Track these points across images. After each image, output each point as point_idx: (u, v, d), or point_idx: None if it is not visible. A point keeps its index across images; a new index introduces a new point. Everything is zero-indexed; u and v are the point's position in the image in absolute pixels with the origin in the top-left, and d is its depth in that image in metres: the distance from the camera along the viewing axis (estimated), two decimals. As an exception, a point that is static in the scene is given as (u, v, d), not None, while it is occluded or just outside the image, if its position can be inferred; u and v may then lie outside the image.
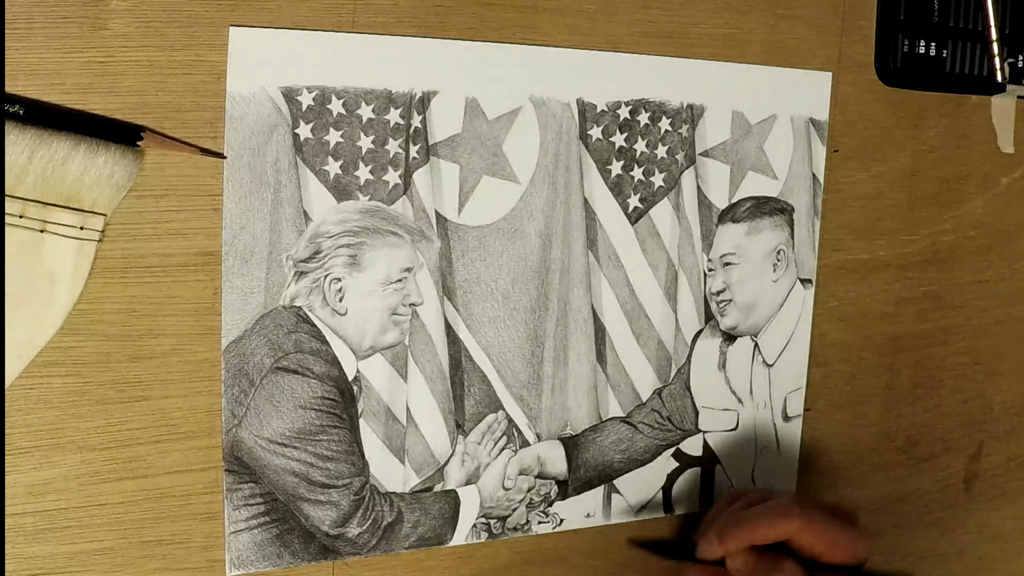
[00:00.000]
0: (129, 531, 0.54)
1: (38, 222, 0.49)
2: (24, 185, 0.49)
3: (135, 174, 0.51)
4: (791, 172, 0.68)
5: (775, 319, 0.69)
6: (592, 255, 0.63)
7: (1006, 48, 0.72)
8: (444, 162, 0.58)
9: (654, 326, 0.66)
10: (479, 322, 0.61)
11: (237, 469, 0.55)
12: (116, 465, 0.53)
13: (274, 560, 0.57)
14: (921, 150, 0.74)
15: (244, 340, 0.55)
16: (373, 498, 0.59)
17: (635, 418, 0.66)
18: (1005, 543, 0.85)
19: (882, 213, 0.73)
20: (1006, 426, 0.83)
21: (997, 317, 0.79)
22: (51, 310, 0.50)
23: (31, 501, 0.52)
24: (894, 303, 0.74)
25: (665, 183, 0.65)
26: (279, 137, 0.54)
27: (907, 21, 0.70)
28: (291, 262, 0.55)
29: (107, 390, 0.53)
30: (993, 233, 0.78)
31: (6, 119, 0.47)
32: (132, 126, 0.50)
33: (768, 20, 0.66)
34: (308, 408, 0.56)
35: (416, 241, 0.58)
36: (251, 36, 0.53)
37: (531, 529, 0.64)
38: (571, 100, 0.61)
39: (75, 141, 0.49)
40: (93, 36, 0.50)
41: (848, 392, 0.74)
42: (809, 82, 0.68)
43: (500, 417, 0.62)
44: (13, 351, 0.49)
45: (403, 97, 0.57)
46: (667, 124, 0.64)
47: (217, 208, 0.53)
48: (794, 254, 0.69)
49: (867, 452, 0.76)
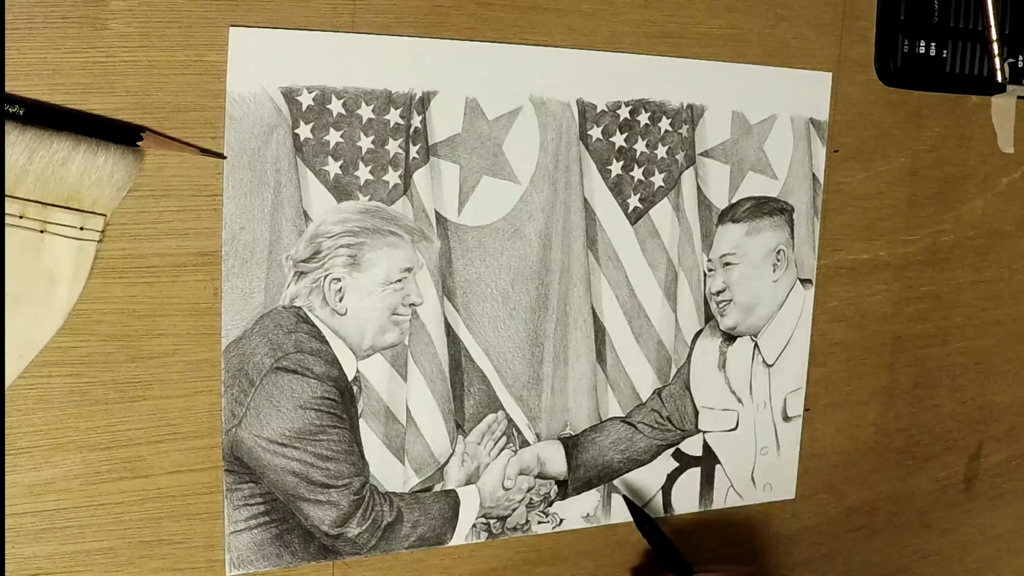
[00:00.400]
0: (129, 531, 0.54)
1: (38, 222, 0.49)
2: (24, 185, 0.49)
3: (135, 174, 0.51)
4: (791, 172, 0.68)
5: (775, 319, 0.69)
6: (592, 255, 0.63)
7: (1006, 48, 0.71)
8: (444, 162, 0.58)
9: (654, 326, 0.66)
10: (479, 322, 0.61)
11: (237, 469, 0.55)
12: (116, 465, 0.53)
13: (274, 560, 0.57)
14: (921, 150, 0.74)
15: (244, 340, 0.55)
16: (373, 498, 0.59)
17: (635, 418, 0.66)
18: (1005, 543, 0.85)
19: (882, 213, 0.73)
20: (1006, 426, 0.83)
21: (997, 317, 0.79)
22: (51, 310, 0.50)
23: (31, 501, 0.52)
24: (894, 303, 0.74)
25: (665, 183, 0.65)
26: (279, 137, 0.54)
27: (907, 21, 0.70)
28: (291, 262, 0.55)
29: (107, 390, 0.53)
30: (993, 233, 0.78)
31: (6, 119, 0.47)
32: (132, 126, 0.50)
33: (768, 20, 0.66)
34: (308, 408, 0.56)
35: (416, 241, 0.58)
36: (251, 36, 0.53)
37: (531, 529, 0.64)
38: (571, 100, 0.61)
39: (75, 141, 0.49)
40: (93, 36, 0.50)
41: (848, 392, 0.74)
42: (809, 82, 0.68)
43: (500, 417, 0.62)
44: (13, 351, 0.49)
45: (403, 97, 0.57)
46: (667, 124, 0.64)
47: (217, 208, 0.53)
48: (794, 254, 0.69)
49: (867, 452, 0.76)
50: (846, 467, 0.75)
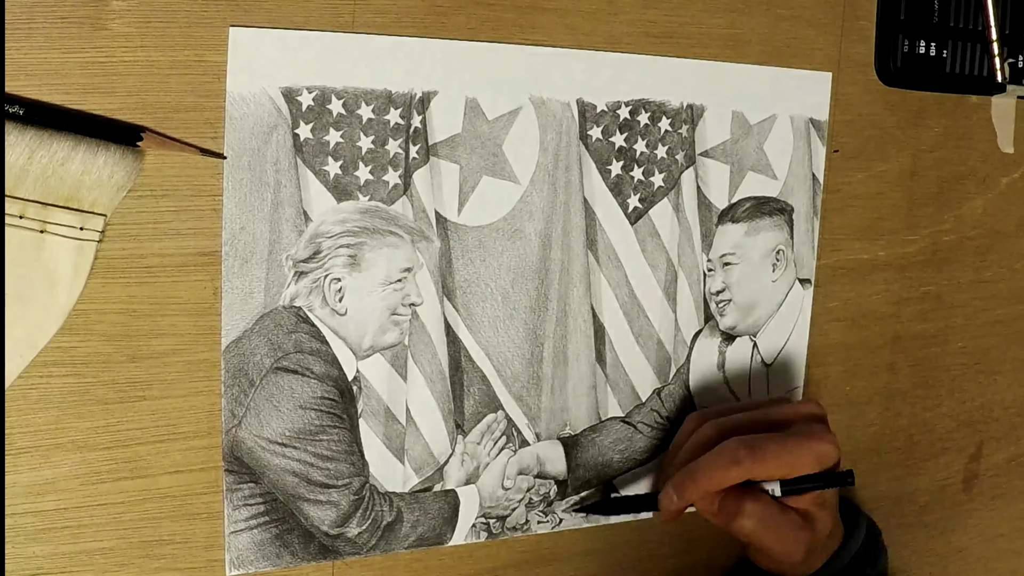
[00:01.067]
0: (129, 531, 0.54)
1: (38, 222, 0.49)
2: (24, 185, 0.49)
3: (135, 174, 0.51)
4: (791, 172, 0.68)
5: (774, 319, 0.69)
6: (592, 255, 0.63)
7: (1006, 48, 0.72)
8: (444, 162, 0.59)
9: (653, 326, 0.66)
10: (479, 322, 0.61)
11: (237, 469, 0.55)
12: (116, 465, 0.53)
13: (274, 560, 0.57)
14: (921, 150, 0.74)
15: (244, 340, 0.55)
16: (373, 498, 0.59)
17: (634, 418, 0.66)
18: (1005, 543, 0.85)
19: (882, 213, 0.73)
20: (1006, 426, 0.83)
21: (997, 317, 0.79)
22: (51, 310, 0.50)
23: (31, 501, 0.52)
24: (894, 303, 0.74)
25: (665, 183, 0.65)
26: (279, 137, 0.54)
27: (907, 21, 0.70)
28: (291, 262, 0.55)
29: (107, 390, 0.53)
30: (993, 233, 0.78)
31: (6, 119, 0.47)
32: (132, 126, 0.50)
33: (768, 20, 0.66)
34: (308, 408, 0.57)
35: (416, 241, 0.58)
36: (251, 36, 0.53)
37: (530, 529, 0.64)
38: (571, 100, 0.61)
39: (75, 141, 0.49)
40: (93, 36, 0.50)
41: (848, 392, 0.74)
42: (809, 82, 0.68)
43: (499, 417, 0.62)
44: (13, 351, 0.49)
45: (403, 97, 0.57)
46: (667, 124, 0.64)
47: (217, 208, 0.53)
48: (793, 254, 0.69)
49: (867, 452, 0.76)
50: (846, 467, 0.74)
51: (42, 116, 0.48)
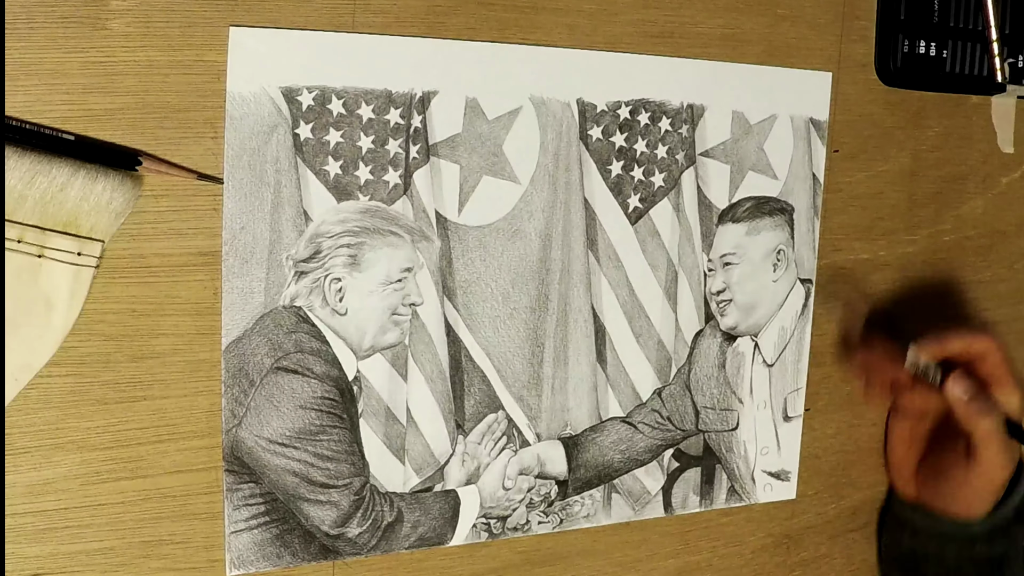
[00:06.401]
0: (129, 531, 0.54)
1: (36, 247, 0.49)
2: (23, 210, 0.49)
3: (133, 201, 0.51)
4: (791, 172, 0.68)
5: (775, 319, 0.69)
6: (592, 255, 0.63)
7: (1006, 48, 0.72)
8: (444, 162, 0.58)
9: (654, 326, 0.66)
10: (479, 322, 0.61)
11: (237, 469, 0.55)
12: (116, 465, 0.53)
13: (274, 560, 0.57)
14: (921, 150, 0.74)
15: (244, 340, 0.55)
16: (373, 498, 0.59)
17: (635, 418, 0.66)
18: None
19: (882, 213, 0.73)
20: (1006, 426, 0.83)
21: (997, 317, 0.79)
22: (46, 335, 0.50)
23: (31, 501, 0.52)
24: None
25: (665, 183, 0.65)
26: (279, 137, 0.54)
27: (907, 21, 0.70)
28: (291, 262, 0.55)
29: (107, 390, 0.53)
30: (993, 233, 0.78)
31: (6, 143, 0.47)
32: (130, 152, 0.50)
33: (768, 20, 0.66)
34: (308, 408, 0.56)
35: (416, 241, 0.58)
36: (251, 36, 0.53)
37: (531, 529, 0.64)
38: (571, 100, 0.61)
39: (74, 167, 0.49)
40: (93, 36, 0.50)
41: (848, 392, 0.74)
42: (809, 82, 0.68)
43: (500, 417, 0.62)
44: (9, 374, 0.49)
45: (403, 97, 0.57)
46: (667, 124, 0.64)
47: (217, 208, 0.53)
48: (794, 254, 0.69)
49: (867, 452, 0.76)
50: (846, 467, 0.75)
51: (42, 141, 0.48)
